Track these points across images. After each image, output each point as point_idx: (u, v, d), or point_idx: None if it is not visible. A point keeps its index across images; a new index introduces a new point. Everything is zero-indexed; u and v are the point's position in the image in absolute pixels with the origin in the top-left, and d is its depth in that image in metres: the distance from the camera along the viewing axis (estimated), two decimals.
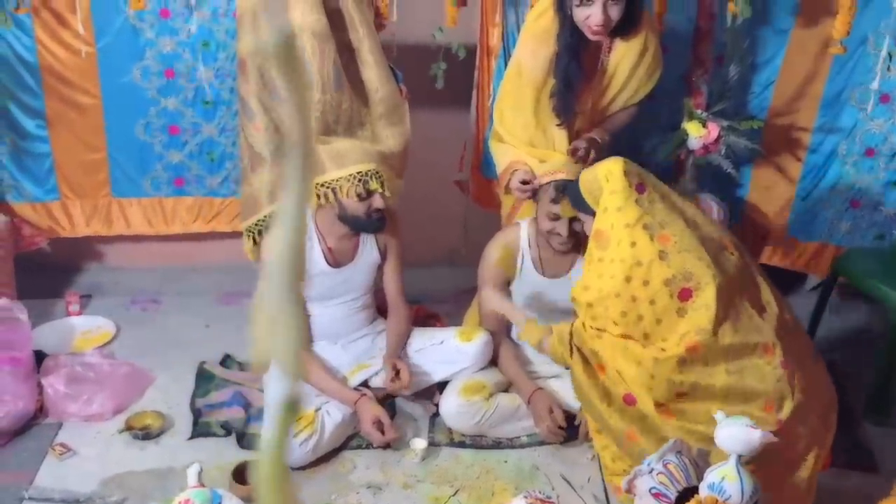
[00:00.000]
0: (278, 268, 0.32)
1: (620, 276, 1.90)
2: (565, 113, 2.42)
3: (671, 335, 1.91)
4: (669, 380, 1.90)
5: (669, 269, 1.88)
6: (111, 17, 2.77)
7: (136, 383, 2.52)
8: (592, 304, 1.97)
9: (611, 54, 2.42)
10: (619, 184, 1.92)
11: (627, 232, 1.90)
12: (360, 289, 2.52)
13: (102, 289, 3.11)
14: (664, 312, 1.90)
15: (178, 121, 2.96)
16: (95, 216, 3.05)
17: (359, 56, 2.42)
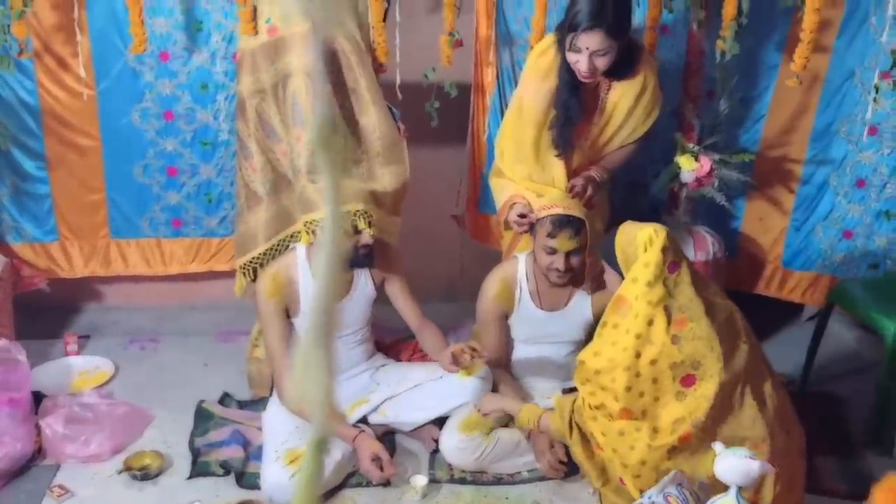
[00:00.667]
0: (314, 320, 0.34)
1: (632, 350, 1.91)
2: (563, 145, 2.46)
3: (666, 416, 1.92)
4: (657, 468, 1.91)
5: (679, 355, 1.89)
6: (111, 61, 2.82)
7: (134, 423, 2.51)
8: (600, 372, 1.97)
9: (609, 93, 2.47)
10: (654, 257, 1.91)
11: (649, 309, 1.90)
12: (357, 323, 2.52)
13: (101, 328, 3.11)
14: (664, 392, 1.92)
15: (177, 162, 2.99)
16: (94, 257, 3.07)
17: (356, 96, 2.46)
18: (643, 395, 1.92)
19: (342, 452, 2.30)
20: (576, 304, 2.50)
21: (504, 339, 2.56)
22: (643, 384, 1.91)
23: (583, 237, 2.32)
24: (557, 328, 2.52)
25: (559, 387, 2.56)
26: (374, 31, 2.62)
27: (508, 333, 2.57)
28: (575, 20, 2.24)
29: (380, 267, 2.48)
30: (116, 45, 2.79)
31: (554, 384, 2.57)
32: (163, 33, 2.81)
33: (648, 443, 1.90)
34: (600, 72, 2.31)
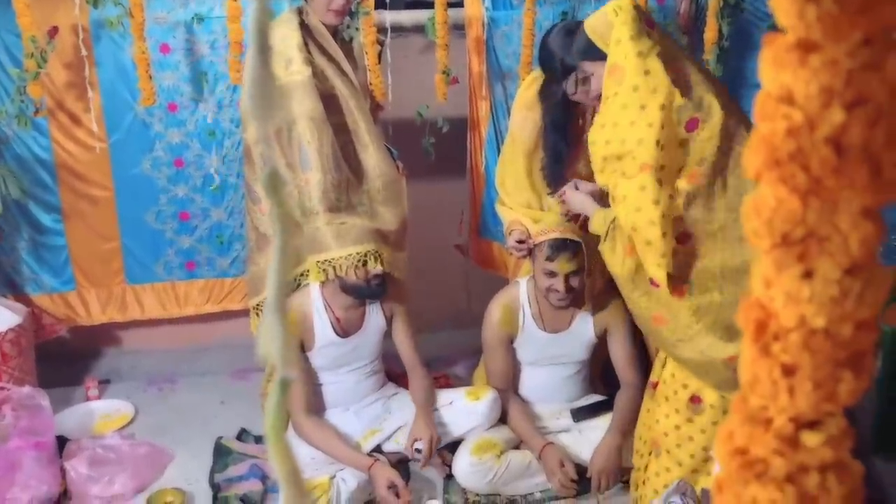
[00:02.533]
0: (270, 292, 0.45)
1: (635, 107, 1.92)
2: (556, 183, 2.55)
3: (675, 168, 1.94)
4: (677, 218, 1.93)
5: (682, 98, 1.90)
6: (122, 114, 2.94)
7: (155, 462, 2.58)
8: (622, 157, 1.96)
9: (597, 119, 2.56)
10: (629, 15, 1.94)
11: (640, 60, 1.91)
12: (370, 356, 2.59)
13: (120, 372, 3.20)
14: (668, 139, 1.92)
15: (188, 207, 3.10)
16: (111, 303, 3.16)
17: (356, 137, 2.56)
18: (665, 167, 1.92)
19: (358, 482, 2.36)
20: (578, 325, 2.57)
21: (510, 362, 2.63)
22: (668, 140, 1.90)
23: (581, 259, 2.39)
24: (562, 349, 2.59)
25: (566, 407, 2.62)
26: (370, 73, 2.74)
27: (515, 357, 2.64)
28: (566, 61, 2.29)
29: (389, 300, 2.56)
30: (126, 99, 2.92)
31: (561, 405, 2.63)
32: (170, 86, 2.94)
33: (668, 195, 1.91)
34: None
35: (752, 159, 0.37)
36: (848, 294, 0.38)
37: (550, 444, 2.46)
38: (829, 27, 0.35)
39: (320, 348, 2.49)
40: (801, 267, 0.38)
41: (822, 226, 0.37)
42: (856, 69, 0.36)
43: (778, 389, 0.40)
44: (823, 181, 0.36)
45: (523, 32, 2.80)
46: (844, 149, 0.36)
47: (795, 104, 0.36)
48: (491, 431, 2.51)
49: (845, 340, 0.39)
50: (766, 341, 0.40)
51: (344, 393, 2.56)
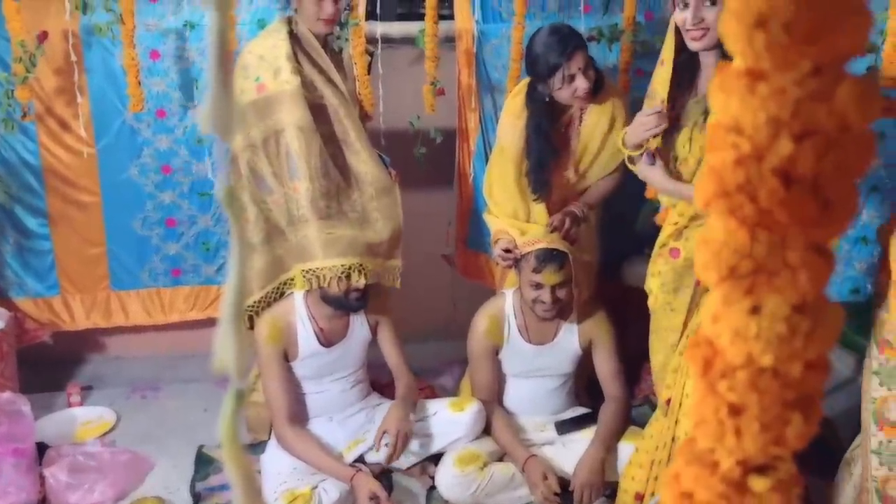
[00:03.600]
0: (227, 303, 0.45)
1: None
2: (541, 189, 2.57)
3: None
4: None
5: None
6: (111, 120, 2.94)
7: (136, 470, 2.56)
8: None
9: (582, 125, 2.59)
10: None
11: None
12: (353, 365, 2.59)
13: (103, 379, 3.18)
14: None
15: (175, 213, 3.09)
16: (95, 309, 3.15)
17: (346, 146, 2.56)
18: None
19: (340, 492, 2.35)
20: (563, 337, 2.57)
21: (496, 374, 2.63)
22: None
23: (567, 270, 2.40)
24: (547, 361, 2.59)
25: (550, 420, 2.62)
26: (359, 83, 2.74)
27: (500, 368, 2.64)
28: (551, 61, 2.37)
29: (371, 310, 2.56)
30: (115, 105, 2.92)
31: (545, 417, 2.63)
32: (159, 92, 2.94)
33: None
34: (593, 84, 2.45)
35: (703, 190, 0.37)
36: (796, 332, 0.37)
37: (534, 456, 2.46)
38: (777, 56, 0.35)
39: (304, 358, 2.49)
40: (749, 302, 0.37)
41: (770, 260, 0.37)
42: (804, 99, 0.35)
43: (724, 430, 0.39)
44: (772, 213, 0.36)
45: (512, 46, 2.82)
46: (793, 180, 0.35)
47: (744, 134, 0.36)
48: (475, 443, 2.50)
49: (794, 380, 0.38)
50: (712, 379, 0.39)
51: (327, 403, 2.56)
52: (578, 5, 2.92)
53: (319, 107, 2.50)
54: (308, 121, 2.43)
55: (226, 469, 0.48)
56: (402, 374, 2.57)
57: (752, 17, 0.35)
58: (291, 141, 2.43)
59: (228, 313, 0.43)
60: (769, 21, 0.34)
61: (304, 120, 2.42)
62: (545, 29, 2.44)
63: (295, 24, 2.48)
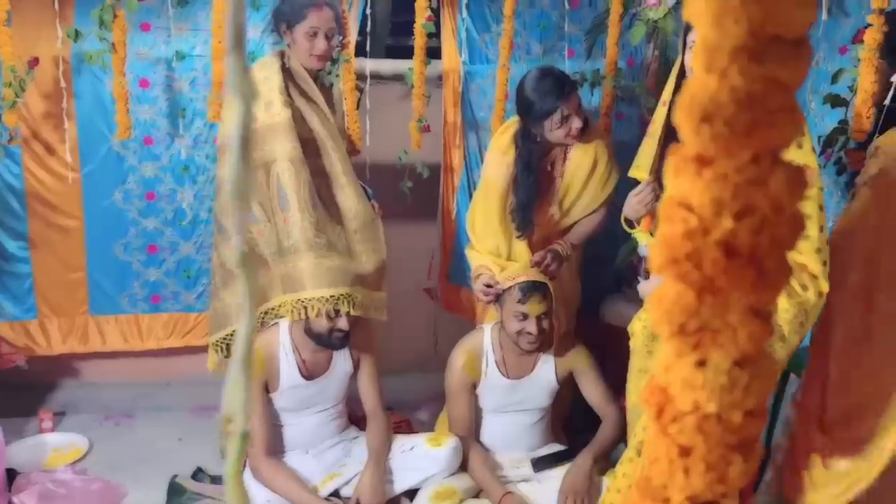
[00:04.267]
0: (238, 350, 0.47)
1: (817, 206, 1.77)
2: (525, 228, 2.62)
3: None
4: None
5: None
6: (97, 146, 2.96)
7: (107, 499, 2.53)
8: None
9: (566, 164, 2.64)
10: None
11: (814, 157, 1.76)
12: (334, 399, 2.59)
13: (76, 405, 3.14)
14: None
15: (157, 240, 3.10)
16: (72, 334, 3.13)
17: (332, 179, 2.60)
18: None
19: None
20: (540, 371, 2.59)
21: (473, 409, 2.64)
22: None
23: (550, 302, 2.45)
24: (524, 395, 2.61)
25: (527, 456, 2.63)
26: (348, 118, 2.79)
27: (477, 404, 2.66)
28: (546, 104, 2.44)
29: (356, 345, 2.57)
30: (102, 131, 2.94)
31: (522, 454, 2.63)
32: (147, 119, 2.96)
33: None
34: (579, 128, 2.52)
35: (656, 256, 0.41)
36: (736, 384, 0.41)
37: (510, 493, 2.46)
38: (720, 145, 0.40)
39: (285, 390, 2.48)
40: (696, 356, 0.42)
41: (714, 320, 0.41)
42: (743, 183, 0.40)
43: (675, 469, 0.43)
44: (715, 280, 0.40)
45: (497, 87, 2.88)
46: (733, 252, 0.40)
47: (693, 210, 0.41)
48: (450, 479, 2.50)
49: (735, 426, 0.42)
50: (665, 422, 0.43)
51: (305, 435, 2.55)
52: (562, 50, 3.01)
53: (308, 140, 2.54)
54: (298, 153, 2.46)
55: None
56: (375, 417, 2.57)
57: (700, 112, 0.40)
58: (282, 173, 2.46)
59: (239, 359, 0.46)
60: (714, 117, 0.39)
61: (294, 152, 2.45)
62: (535, 73, 2.50)
63: (287, 58, 2.52)
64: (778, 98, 0.39)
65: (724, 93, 0.39)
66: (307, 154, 2.50)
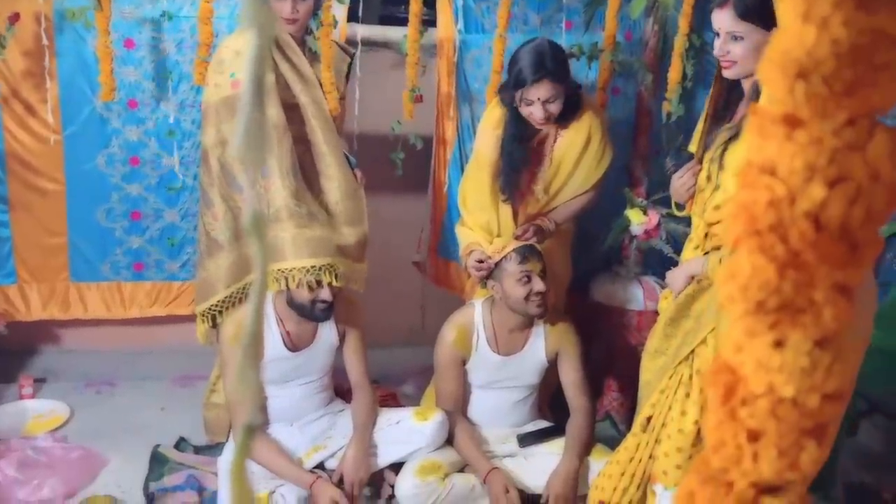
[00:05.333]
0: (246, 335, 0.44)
1: None
2: (510, 189, 2.58)
3: None
4: None
5: None
6: (79, 107, 2.87)
7: (88, 467, 2.49)
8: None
9: (557, 143, 2.60)
10: None
11: None
12: (319, 371, 2.56)
13: (57, 372, 3.09)
14: None
15: (140, 206, 3.03)
16: (53, 300, 3.06)
17: (315, 147, 2.55)
18: None
19: (297, 497, 2.32)
20: (531, 347, 2.58)
21: (461, 384, 2.62)
22: None
23: (543, 263, 2.46)
24: (513, 372, 2.59)
25: (513, 432, 2.62)
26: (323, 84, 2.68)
27: (466, 379, 2.64)
28: (521, 76, 2.39)
29: (341, 318, 2.54)
30: (85, 92, 2.85)
31: (508, 430, 2.63)
32: (132, 82, 2.88)
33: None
34: (554, 117, 2.45)
35: (733, 225, 0.38)
36: (818, 366, 0.38)
37: (496, 468, 2.46)
38: (816, 105, 0.36)
39: (269, 361, 2.45)
40: (773, 336, 0.38)
41: (796, 297, 0.38)
42: (839, 148, 0.36)
43: (742, 454, 0.40)
44: (801, 254, 0.37)
45: (493, 58, 2.83)
46: (823, 224, 0.37)
47: (778, 176, 0.37)
48: (436, 453, 2.49)
49: (811, 411, 0.40)
50: (733, 405, 0.41)
51: (290, 408, 2.52)
52: (560, 21, 2.95)
53: (292, 106, 2.49)
54: (281, 119, 2.41)
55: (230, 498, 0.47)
56: (361, 390, 2.55)
57: (795, 68, 0.36)
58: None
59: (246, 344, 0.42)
60: (811, 73, 0.36)
61: (277, 118, 2.41)
62: (532, 44, 2.44)
63: None
64: (885, 53, 0.35)
65: (823, 46, 0.35)
66: (290, 121, 2.45)
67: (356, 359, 2.56)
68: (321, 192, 2.55)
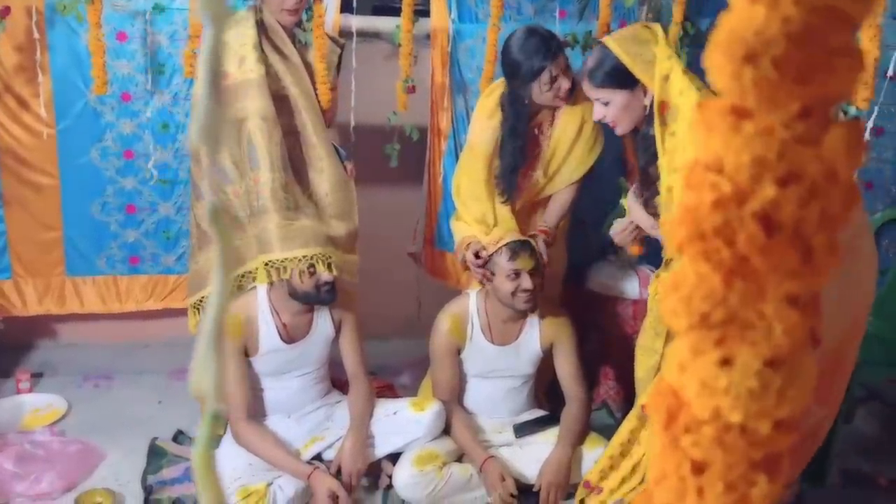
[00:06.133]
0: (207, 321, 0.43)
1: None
2: (509, 190, 2.58)
3: None
4: None
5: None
6: (72, 101, 2.86)
7: (86, 461, 2.50)
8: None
9: (553, 128, 2.59)
10: (668, 49, 1.88)
11: (703, 95, 1.81)
12: (315, 363, 2.56)
13: (54, 366, 3.10)
14: None
15: (135, 200, 3.03)
16: (48, 294, 3.06)
17: (304, 139, 2.54)
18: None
19: (295, 489, 2.32)
20: (525, 338, 2.58)
21: (457, 374, 2.63)
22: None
23: (536, 258, 2.45)
24: (508, 362, 2.60)
25: (509, 422, 2.63)
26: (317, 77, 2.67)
27: (461, 369, 2.64)
28: (535, 64, 2.37)
29: (339, 308, 2.53)
30: (78, 86, 2.84)
31: (504, 419, 2.63)
32: (124, 75, 2.87)
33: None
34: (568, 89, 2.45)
35: (676, 230, 0.34)
36: (768, 388, 0.34)
37: (492, 457, 2.47)
38: (765, 93, 0.33)
39: (264, 354, 2.45)
40: (719, 353, 0.35)
41: (744, 310, 0.34)
42: (791, 141, 0.33)
43: (686, 488, 0.36)
44: (750, 260, 0.33)
45: (487, 47, 2.81)
46: (774, 227, 0.33)
47: (725, 174, 0.34)
48: (433, 443, 2.50)
49: (762, 439, 0.35)
50: (676, 433, 0.36)
51: (286, 399, 2.52)
52: (554, 10, 2.93)
53: (282, 98, 2.48)
54: (271, 111, 2.40)
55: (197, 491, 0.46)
56: (357, 382, 2.55)
57: (742, 50, 0.32)
58: (254, 131, 2.41)
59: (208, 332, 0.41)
60: (760, 56, 0.32)
61: (266, 110, 2.40)
62: (520, 32, 2.43)
63: (261, 13, 2.45)
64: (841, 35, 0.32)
65: (773, 25, 0.31)
66: (280, 112, 2.44)
67: (352, 350, 2.56)
68: (310, 185, 2.54)
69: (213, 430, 0.45)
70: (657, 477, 0.38)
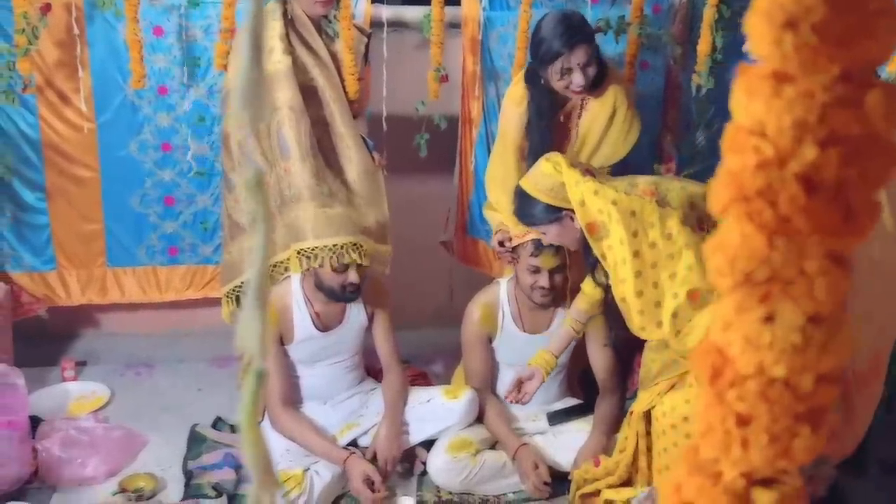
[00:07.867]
0: (251, 285, 0.45)
1: (629, 251, 1.94)
2: None
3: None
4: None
5: (671, 209, 1.95)
6: (112, 95, 2.92)
7: (129, 446, 2.57)
8: (623, 300, 2.00)
9: (581, 118, 2.56)
10: (574, 174, 2.01)
11: (620, 206, 1.94)
12: (349, 351, 2.59)
13: (97, 355, 3.17)
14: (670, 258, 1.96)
15: (174, 191, 3.08)
16: (91, 285, 3.13)
17: (332, 129, 2.56)
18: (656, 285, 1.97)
19: (332, 474, 2.36)
20: (557, 326, 2.58)
21: (489, 362, 2.64)
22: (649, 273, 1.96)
23: (562, 256, 2.42)
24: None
25: (543, 410, 2.63)
26: (345, 70, 2.68)
27: (493, 357, 2.65)
28: (555, 46, 2.35)
29: (369, 299, 2.55)
30: (116, 80, 2.89)
31: (538, 407, 2.63)
32: (161, 69, 2.91)
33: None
34: (590, 81, 2.41)
35: (720, 193, 0.35)
36: (811, 343, 0.35)
37: (525, 445, 2.47)
38: (806, 58, 0.33)
39: (300, 342, 2.48)
40: (763, 310, 0.35)
41: (787, 268, 0.35)
42: (832, 104, 0.33)
43: (731, 440, 0.37)
44: (792, 220, 0.34)
45: (518, 34, 2.80)
46: (816, 188, 0.34)
47: (767, 137, 0.34)
48: (467, 430, 2.51)
49: (805, 393, 0.36)
50: (721, 388, 0.38)
51: (322, 386, 2.56)
52: None
53: (309, 89, 2.50)
54: (298, 101, 2.43)
55: (243, 448, 0.48)
56: (391, 370, 2.57)
57: (782, 17, 0.33)
58: (282, 121, 2.43)
59: (253, 295, 0.43)
60: (799, 22, 0.33)
61: (294, 100, 2.43)
62: (556, 14, 2.41)
63: (289, 4, 2.47)
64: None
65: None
66: (308, 103, 2.47)
67: (385, 339, 2.58)
68: (340, 174, 2.56)
69: (257, 387, 0.46)
70: (703, 430, 0.39)
